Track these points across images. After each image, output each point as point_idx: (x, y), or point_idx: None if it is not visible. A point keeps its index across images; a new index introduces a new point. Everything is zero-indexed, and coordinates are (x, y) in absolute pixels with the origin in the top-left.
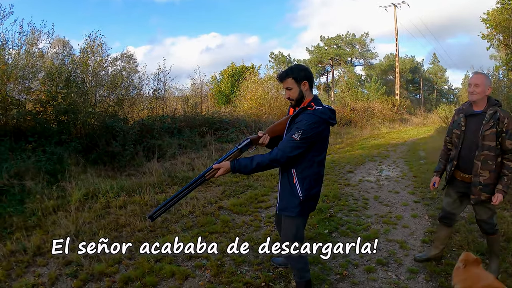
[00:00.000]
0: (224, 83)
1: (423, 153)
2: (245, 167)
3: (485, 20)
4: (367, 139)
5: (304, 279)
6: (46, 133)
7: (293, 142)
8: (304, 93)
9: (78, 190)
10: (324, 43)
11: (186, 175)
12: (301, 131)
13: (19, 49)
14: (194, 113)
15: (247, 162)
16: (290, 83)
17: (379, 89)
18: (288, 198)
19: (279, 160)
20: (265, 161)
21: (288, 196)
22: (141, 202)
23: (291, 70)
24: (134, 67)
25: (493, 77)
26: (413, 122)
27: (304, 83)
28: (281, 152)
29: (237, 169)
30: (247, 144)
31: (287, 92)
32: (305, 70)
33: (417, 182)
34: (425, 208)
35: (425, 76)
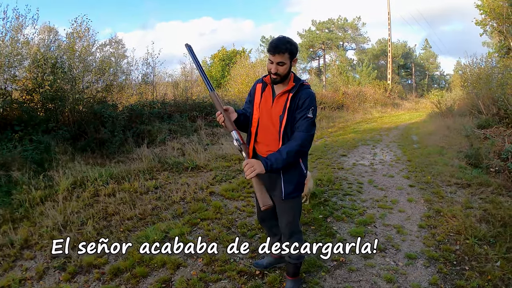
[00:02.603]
0: (215, 68)
1: (416, 137)
2: (277, 161)
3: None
4: (360, 123)
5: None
6: (33, 121)
7: (311, 121)
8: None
9: (66, 179)
10: (315, 27)
11: (177, 160)
12: (312, 107)
13: (4, 36)
14: (184, 98)
15: (277, 155)
16: (286, 58)
17: (371, 73)
18: (297, 179)
19: (307, 144)
20: (294, 147)
21: (297, 177)
22: (131, 189)
23: (290, 44)
24: (122, 52)
25: (486, 64)
26: (405, 107)
27: (295, 59)
28: (305, 134)
29: (269, 165)
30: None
31: (275, 67)
32: (296, 45)
33: (411, 166)
34: (420, 192)
35: (417, 62)
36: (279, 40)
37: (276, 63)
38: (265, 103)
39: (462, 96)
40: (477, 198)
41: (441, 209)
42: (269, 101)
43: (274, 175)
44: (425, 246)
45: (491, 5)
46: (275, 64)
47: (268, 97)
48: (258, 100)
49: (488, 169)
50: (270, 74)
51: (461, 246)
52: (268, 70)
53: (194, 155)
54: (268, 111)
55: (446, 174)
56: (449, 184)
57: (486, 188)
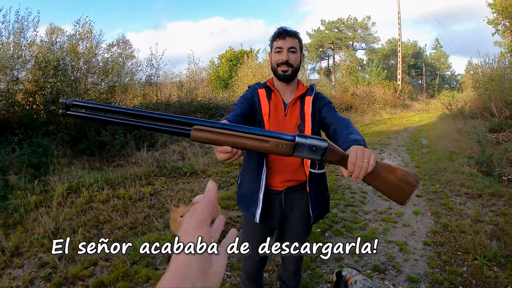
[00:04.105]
0: (222, 68)
1: (425, 141)
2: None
3: (491, 4)
4: (368, 125)
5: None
6: (34, 124)
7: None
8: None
9: (62, 184)
10: (325, 26)
11: (175, 165)
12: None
13: (6, 39)
14: (189, 99)
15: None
16: (297, 44)
17: (380, 73)
18: (325, 199)
19: None
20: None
21: (325, 197)
22: (126, 195)
23: (298, 33)
24: (130, 53)
25: (498, 64)
26: (415, 108)
27: (303, 55)
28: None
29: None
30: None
31: (286, 54)
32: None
33: (419, 173)
34: (428, 204)
35: (427, 62)
36: (285, 28)
37: (287, 49)
38: (276, 114)
39: (474, 98)
40: (488, 210)
41: (449, 224)
42: (280, 111)
43: (298, 195)
44: (430, 267)
45: (504, 3)
46: (286, 50)
47: (278, 106)
48: (267, 111)
49: (500, 178)
50: (277, 70)
51: (468, 267)
52: (274, 63)
53: (194, 159)
54: (281, 124)
55: (456, 183)
56: (459, 194)
57: (498, 199)
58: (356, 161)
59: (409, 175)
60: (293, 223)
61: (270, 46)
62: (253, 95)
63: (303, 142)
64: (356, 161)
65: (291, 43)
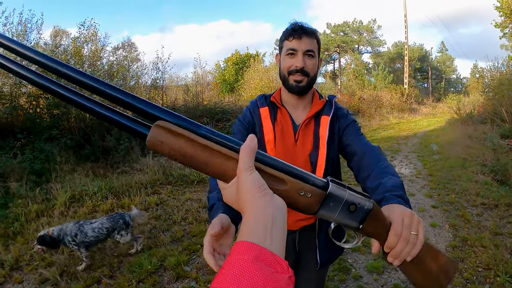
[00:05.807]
0: (228, 71)
1: (435, 146)
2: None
3: (499, 7)
4: (376, 130)
5: None
6: (36, 128)
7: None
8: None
9: (64, 192)
10: (330, 30)
11: (182, 172)
12: (353, 115)
13: None
14: (195, 103)
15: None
16: (315, 46)
17: (387, 77)
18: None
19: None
20: (397, 177)
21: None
22: (131, 205)
23: (316, 31)
24: (135, 56)
25: (507, 68)
26: (422, 112)
27: (320, 59)
28: (379, 151)
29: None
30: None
31: (302, 59)
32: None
33: (433, 182)
34: (445, 215)
35: (433, 65)
36: (302, 24)
37: (303, 52)
38: (283, 138)
39: (482, 102)
40: (506, 222)
41: (468, 237)
42: (289, 135)
43: (312, 234)
44: (452, 286)
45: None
46: (301, 54)
47: (286, 129)
48: (271, 137)
49: None
50: (287, 80)
51: (491, 285)
52: (285, 70)
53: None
54: (291, 151)
55: (471, 192)
56: (475, 205)
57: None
58: (402, 233)
59: (450, 263)
60: (308, 268)
61: (280, 47)
62: (252, 117)
63: (339, 194)
64: (403, 233)
65: (308, 45)
